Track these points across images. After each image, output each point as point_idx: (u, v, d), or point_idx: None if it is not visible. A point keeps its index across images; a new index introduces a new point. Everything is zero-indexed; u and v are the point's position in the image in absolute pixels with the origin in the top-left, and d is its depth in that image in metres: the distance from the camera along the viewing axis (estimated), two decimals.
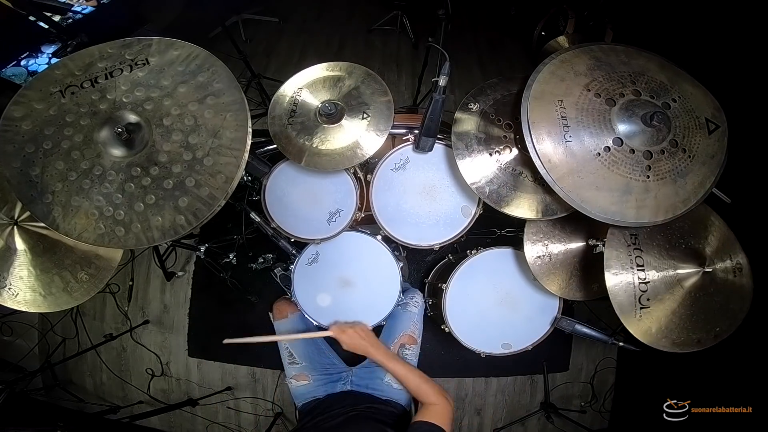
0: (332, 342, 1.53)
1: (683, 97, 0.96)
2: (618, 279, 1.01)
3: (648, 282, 1.01)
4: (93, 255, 1.09)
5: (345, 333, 1.22)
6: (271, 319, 1.50)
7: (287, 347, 1.39)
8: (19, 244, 1.05)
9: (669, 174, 0.93)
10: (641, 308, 1.01)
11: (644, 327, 1.01)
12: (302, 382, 1.33)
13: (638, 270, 1.02)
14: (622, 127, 0.93)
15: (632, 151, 0.92)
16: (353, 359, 1.47)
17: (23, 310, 1.05)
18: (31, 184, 0.81)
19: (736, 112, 1.03)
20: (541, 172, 0.94)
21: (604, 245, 1.06)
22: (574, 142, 0.93)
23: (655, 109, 0.91)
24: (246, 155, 0.85)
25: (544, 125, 0.94)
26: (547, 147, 0.93)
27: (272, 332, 1.47)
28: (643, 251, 1.03)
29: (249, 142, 0.85)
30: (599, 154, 0.92)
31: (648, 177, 0.92)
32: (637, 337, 1.01)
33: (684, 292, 1.03)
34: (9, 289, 1.04)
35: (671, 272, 1.02)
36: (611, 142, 0.93)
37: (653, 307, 1.01)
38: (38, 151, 0.82)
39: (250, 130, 0.85)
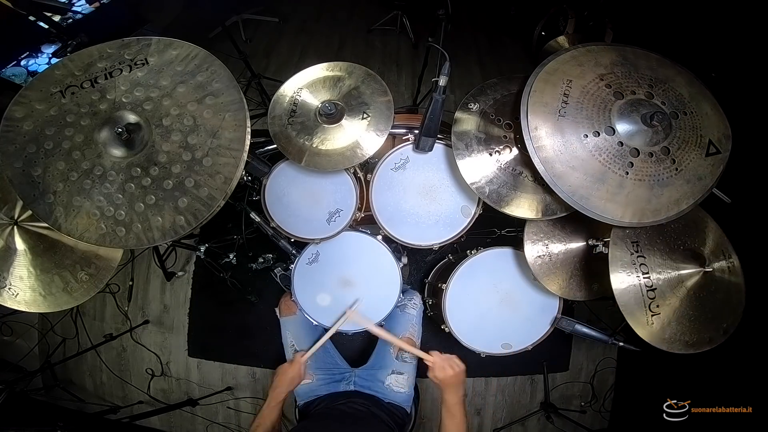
0: (337, 341, 1.53)
1: (696, 114, 0.95)
2: (626, 288, 1.00)
3: (655, 288, 1.00)
4: (93, 255, 1.09)
5: (452, 370, 1.13)
6: (278, 315, 1.50)
7: (293, 345, 1.39)
8: (19, 244, 1.05)
9: (649, 178, 0.92)
10: (652, 315, 1.00)
11: (657, 333, 1.00)
12: (306, 380, 1.33)
13: (644, 277, 1.00)
14: (620, 119, 0.93)
15: (621, 143, 0.92)
16: (354, 359, 1.47)
17: (23, 310, 1.05)
18: (32, 184, 0.82)
19: (740, 108, 1.02)
20: (524, 138, 0.94)
21: (604, 245, 1.05)
22: (567, 119, 0.93)
23: (658, 110, 0.90)
24: (245, 156, 0.85)
25: (544, 96, 0.95)
26: (538, 116, 0.94)
27: (272, 332, 1.47)
28: (646, 258, 1.02)
29: (248, 143, 0.85)
30: (587, 136, 0.93)
31: (627, 173, 0.91)
32: (653, 344, 1.00)
33: (688, 293, 1.02)
34: (9, 289, 1.04)
35: (674, 275, 1.02)
36: (603, 129, 0.93)
37: (663, 313, 1.00)
38: (39, 151, 0.82)
39: (248, 130, 0.85)
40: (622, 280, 1.00)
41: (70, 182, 0.82)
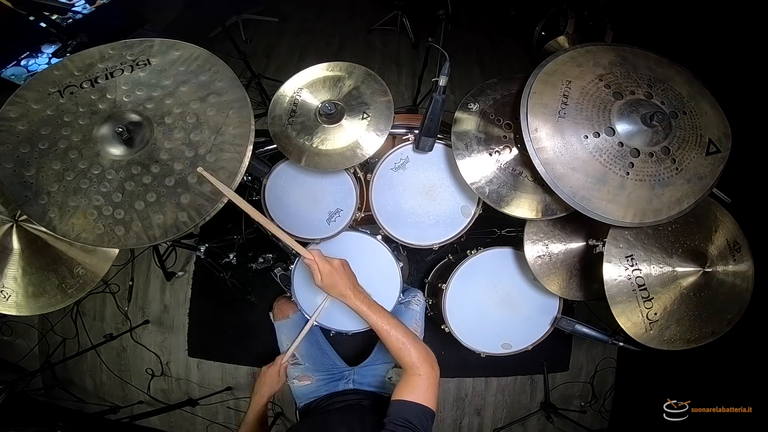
0: (334, 342, 1.53)
1: (695, 114, 0.95)
2: (623, 307, 1.01)
3: (652, 299, 1.00)
4: (91, 250, 1.06)
5: (330, 263, 0.96)
6: (272, 319, 1.50)
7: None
8: (16, 243, 1.02)
9: (649, 178, 0.92)
10: (651, 323, 1.01)
11: (658, 338, 1.02)
12: (305, 382, 1.33)
13: (641, 291, 1.01)
14: (620, 120, 0.93)
15: (621, 144, 0.92)
16: (354, 359, 1.47)
17: (12, 313, 1.00)
18: (25, 185, 0.79)
19: (740, 109, 1.02)
20: (524, 138, 0.94)
21: (603, 245, 1.05)
22: (567, 120, 0.93)
23: (657, 109, 0.90)
24: (249, 150, 0.84)
25: (543, 97, 0.95)
26: (538, 117, 0.94)
27: (272, 333, 1.47)
28: (641, 270, 1.02)
29: (252, 138, 0.84)
30: (587, 137, 0.93)
31: (627, 174, 0.91)
32: (655, 347, 1.02)
33: (688, 294, 1.02)
34: (1, 291, 1.00)
35: (674, 280, 1.02)
36: (603, 130, 0.93)
37: (661, 321, 1.01)
38: (33, 151, 0.81)
39: (252, 126, 0.85)
40: (621, 302, 1.01)
41: (66, 182, 0.81)
